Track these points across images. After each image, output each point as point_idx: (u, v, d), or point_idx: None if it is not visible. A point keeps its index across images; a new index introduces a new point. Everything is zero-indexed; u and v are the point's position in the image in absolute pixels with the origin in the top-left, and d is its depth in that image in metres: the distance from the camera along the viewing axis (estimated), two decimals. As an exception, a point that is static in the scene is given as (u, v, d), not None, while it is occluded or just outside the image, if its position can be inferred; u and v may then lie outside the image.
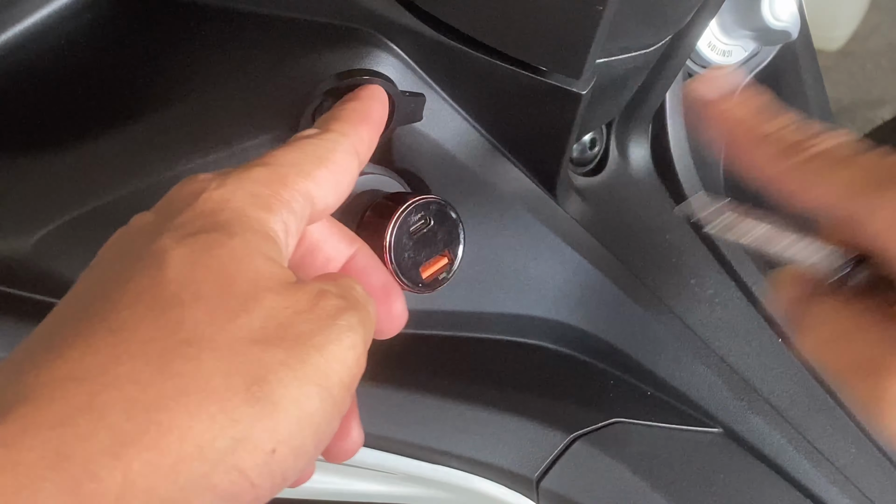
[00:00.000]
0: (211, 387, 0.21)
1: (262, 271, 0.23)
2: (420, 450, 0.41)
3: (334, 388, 0.23)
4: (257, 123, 0.35)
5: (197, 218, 0.24)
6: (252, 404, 0.21)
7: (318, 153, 0.27)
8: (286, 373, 0.22)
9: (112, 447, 0.19)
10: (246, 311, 0.22)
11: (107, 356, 0.20)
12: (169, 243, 0.23)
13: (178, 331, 0.21)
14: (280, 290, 0.23)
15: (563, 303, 0.43)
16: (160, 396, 0.20)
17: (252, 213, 0.24)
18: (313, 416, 0.22)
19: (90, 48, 0.37)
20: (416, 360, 0.42)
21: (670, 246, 0.46)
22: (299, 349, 0.22)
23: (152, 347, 0.21)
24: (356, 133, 0.29)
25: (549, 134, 0.38)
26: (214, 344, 0.21)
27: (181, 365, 0.21)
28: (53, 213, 0.37)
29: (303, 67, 0.34)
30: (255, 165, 0.26)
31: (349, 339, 0.23)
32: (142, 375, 0.20)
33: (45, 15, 0.37)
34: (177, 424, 0.20)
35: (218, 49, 0.36)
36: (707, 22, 0.44)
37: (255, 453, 0.21)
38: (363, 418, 0.30)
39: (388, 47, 0.35)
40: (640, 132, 0.47)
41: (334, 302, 0.24)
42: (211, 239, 0.23)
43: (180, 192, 0.25)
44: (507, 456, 0.41)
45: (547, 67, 0.34)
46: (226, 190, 0.25)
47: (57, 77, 0.37)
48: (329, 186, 0.27)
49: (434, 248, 0.36)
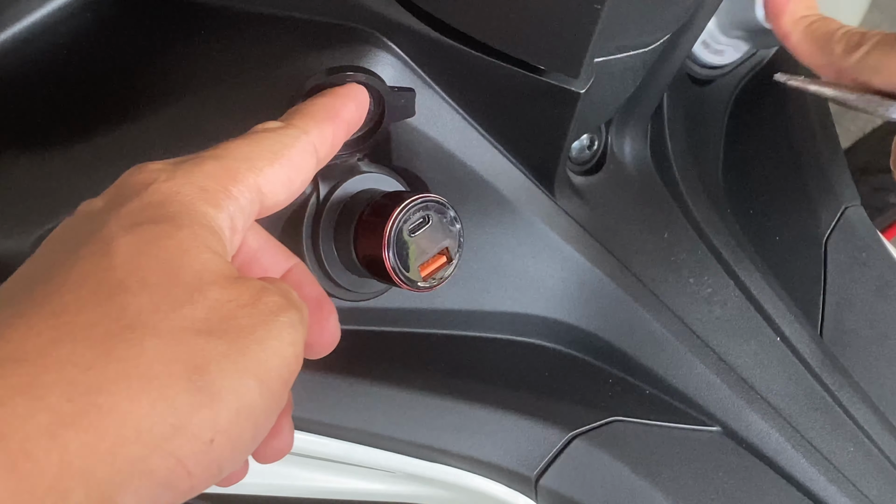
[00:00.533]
0: (152, 373, 0.21)
1: (208, 264, 0.23)
2: (419, 448, 0.41)
3: (273, 382, 0.23)
4: (254, 122, 0.35)
5: (145, 208, 0.24)
6: (193, 393, 0.21)
7: (274, 148, 0.27)
8: (227, 364, 0.22)
9: (50, 428, 0.19)
10: (190, 301, 0.22)
11: (48, 338, 0.20)
12: (116, 230, 0.23)
13: (121, 317, 0.21)
14: (224, 284, 0.23)
15: (561, 301, 0.43)
16: (101, 379, 0.20)
17: (200, 207, 0.24)
18: (252, 409, 0.22)
19: (90, 48, 0.37)
20: (414, 359, 0.42)
21: (668, 245, 0.46)
22: (241, 342, 0.22)
23: (95, 331, 0.21)
24: (319, 130, 0.29)
25: (548, 133, 0.38)
26: (157, 331, 0.21)
27: (124, 350, 0.21)
28: (53, 213, 0.37)
29: (301, 67, 0.34)
30: (207, 158, 0.26)
31: (289, 336, 0.24)
32: (83, 358, 0.20)
33: (45, 15, 0.37)
34: (116, 408, 0.20)
35: (217, 48, 0.36)
36: (705, 21, 0.44)
37: (193, 441, 0.21)
38: (362, 417, 0.31)
39: (386, 46, 0.35)
40: (638, 131, 0.47)
41: (275, 299, 0.24)
42: (159, 229, 0.23)
43: (129, 180, 0.25)
44: (506, 454, 0.41)
45: (545, 66, 0.35)
46: (175, 182, 0.25)
47: (57, 77, 0.37)
48: (280, 183, 0.27)
49: (433, 247, 0.36)
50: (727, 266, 0.47)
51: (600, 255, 0.43)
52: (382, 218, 0.34)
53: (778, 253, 0.52)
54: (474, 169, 0.39)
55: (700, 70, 0.53)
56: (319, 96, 0.31)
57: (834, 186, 0.56)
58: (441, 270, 0.36)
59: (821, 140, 0.57)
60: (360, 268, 0.37)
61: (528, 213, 0.41)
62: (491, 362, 0.43)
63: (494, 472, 0.41)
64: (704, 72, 0.53)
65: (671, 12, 0.39)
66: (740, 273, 0.47)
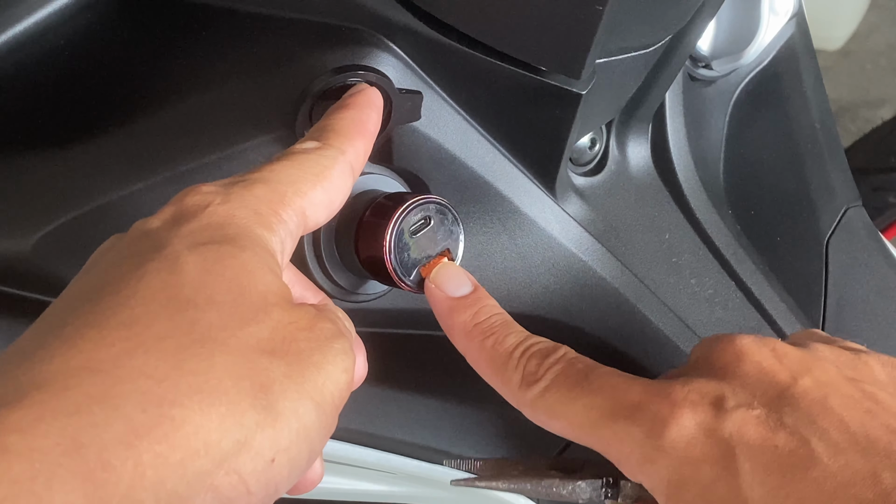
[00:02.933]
0: (222, 388, 0.21)
1: (271, 286, 0.24)
2: (420, 450, 0.41)
3: (328, 405, 0.24)
4: (257, 124, 0.35)
5: (205, 229, 0.24)
6: (258, 411, 0.21)
7: (316, 170, 0.28)
8: (289, 384, 0.22)
9: (126, 437, 0.19)
10: (256, 320, 0.23)
11: (121, 349, 0.21)
12: (180, 249, 0.23)
13: (191, 331, 0.22)
14: (285, 307, 0.24)
15: (562, 302, 0.43)
16: (174, 392, 0.20)
17: (256, 230, 0.25)
18: (309, 431, 0.23)
19: (90, 48, 0.37)
20: (416, 361, 0.42)
21: (670, 246, 0.46)
22: (301, 364, 0.23)
23: (167, 344, 0.21)
24: (353, 148, 0.30)
25: (549, 134, 0.38)
26: (226, 348, 0.22)
27: (195, 363, 0.21)
28: (53, 213, 0.37)
29: (302, 67, 0.34)
30: (256, 181, 0.27)
31: (342, 362, 0.24)
32: (156, 370, 0.20)
33: (45, 15, 0.37)
34: (188, 420, 0.20)
35: (217, 49, 0.36)
36: (707, 22, 0.44)
37: (256, 459, 0.21)
38: (363, 418, 0.31)
39: (387, 47, 0.35)
40: (639, 132, 0.47)
41: (330, 326, 0.25)
42: (223, 250, 0.24)
43: (185, 201, 0.26)
44: (507, 455, 0.41)
45: (546, 67, 0.35)
46: (231, 206, 0.25)
47: (57, 77, 0.37)
48: (322, 205, 0.28)
49: (434, 249, 0.36)
50: (728, 267, 0.47)
51: (602, 257, 0.43)
52: (383, 219, 0.34)
53: (779, 253, 0.52)
54: (475, 170, 0.39)
55: (701, 71, 0.52)
56: (343, 109, 0.31)
57: (835, 187, 0.56)
58: (442, 272, 0.36)
59: (822, 140, 0.57)
60: (361, 269, 0.37)
61: (530, 214, 0.41)
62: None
63: (495, 474, 0.41)
64: (705, 72, 0.53)
65: (672, 13, 0.39)
66: (742, 274, 0.47)
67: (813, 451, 0.27)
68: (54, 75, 0.37)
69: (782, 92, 0.57)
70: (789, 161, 0.56)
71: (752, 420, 0.28)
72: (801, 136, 0.56)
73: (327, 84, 0.32)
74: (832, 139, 0.57)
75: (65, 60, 0.37)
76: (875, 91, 1.74)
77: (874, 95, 1.73)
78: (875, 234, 0.55)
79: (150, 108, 0.36)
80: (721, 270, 0.47)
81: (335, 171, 0.28)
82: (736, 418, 0.28)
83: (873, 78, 1.76)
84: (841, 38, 1.66)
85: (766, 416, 0.28)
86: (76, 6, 0.38)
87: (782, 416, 0.28)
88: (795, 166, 0.56)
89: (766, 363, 0.30)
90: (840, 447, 0.27)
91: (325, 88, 0.33)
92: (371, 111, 0.32)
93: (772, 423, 0.28)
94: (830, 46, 1.67)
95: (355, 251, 0.36)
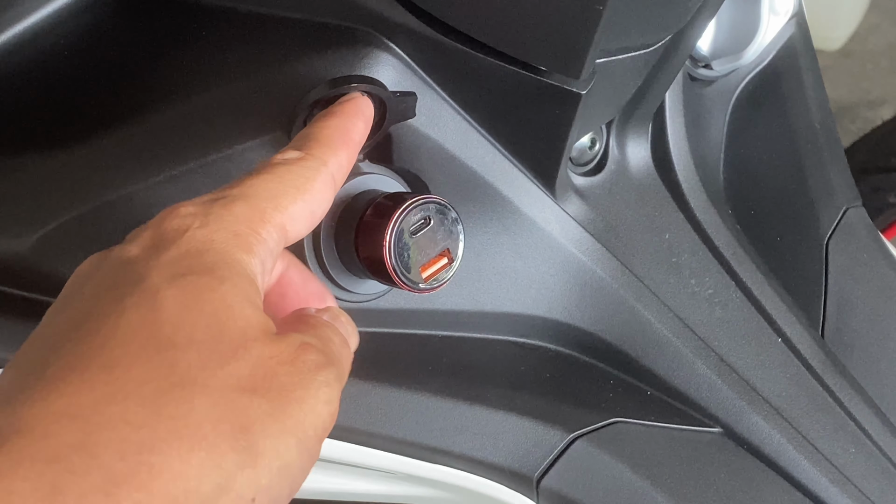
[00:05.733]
0: (202, 433, 0.21)
1: (251, 319, 0.24)
2: (420, 449, 0.41)
3: (310, 440, 0.23)
4: (255, 125, 0.35)
5: (183, 258, 0.24)
6: (238, 452, 0.21)
7: (297, 183, 0.28)
8: (270, 424, 0.22)
9: (104, 486, 0.19)
10: (235, 358, 0.23)
11: (101, 394, 0.21)
12: (159, 282, 0.23)
13: (171, 374, 0.22)
14: (265, 340, 0.24)
15: (562, 302, 0.43)
16: (153, 438, 0.20)
17: (235, 254, 0.25)
18: (291, 467, 0.23)
19: (90, 48, 0.37)
20: (416, 361, 0.42)
21: (670, 246, 0.46)
22: (282, 401, 0.23)
23: (146, 389, 0.21)
24: (335, 158, 0.29)
25: (549, 133, 0.38)
26: (206, 389, 0.22)
27: (174, 408, 0.21)
28: (53, 213, 0.37)
29: (301, 68, 0.34)
30: (236, 198, 0.26)
31: (325, 395, 0.24)
32: (136, 417, 0.21)
33: (45, 15, 0.37)
34: (167, 468, 0.20)
35: (217, 50, 0.36)
36: (707, 22, 0.44)
37: (236, 501, 0.21)
38: (363, 418, 0.31)
39: (387, 47, 0.35)
40: (639, 132, 0.47)
41: (314, 357, 0.25)
42: (202, 282, 0.23)
43: (163, 226, 0.26)
44: (508, 455, 0.41)
45: (546, 67, 0.34)
46: (209, 230, 0.25)
47: (57, 77, 0.37)
48: (303, 218, 0.28)
49: (434, 248, 0.36)
50: (728, 267, 0.47)
51: (601, 256, 0.43)
52: (383, 219, 0.34)
53: (779, 253, 0.52)
54: (475, 170, 0.39)
55: (701, 71, 0.52)
56: (329, 117, 0.31)
57: (835, 187, 0.56)
58: (442, 271, 0.36)
59: (822, 140, 0.57)
60: (361, 269, 0.36)
61: (530, 214, 0.41)
62: (492, 363, 0.43)
63: (496, 474, 0.41)
64: (705, 72, 0.53)
65: (672, 13, 0.39)
66: (741, 274, 0.47)
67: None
68: (54, 75, 0.37)
69: (782, 92, 0.57)
70: (789, 161, 0.56)
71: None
72: (801, 136, 0.56)
73: (320, 95, 0.32)
74: (832, 139, 0.57)
75: (65, 60, 0.37)
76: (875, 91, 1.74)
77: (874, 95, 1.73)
78: (875, 234, 0.55)
79: (149, 108, 0.36)
80: (721, 270, 0.47)
81: (317, 184, 0.28)
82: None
83: (873, 78, 1.76)
84: (841, 38, 1.66)
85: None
86: (76, 6, 0.38)
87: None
88: (795, 166, 0.56)
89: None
90: None
91: (317, 99, 0.32)
92: (357, 120, 0.31)
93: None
94: (830, 46, 1.67)
95: (355, 251, 0.36)
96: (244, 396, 0.22)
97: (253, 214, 0.26)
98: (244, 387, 0.22)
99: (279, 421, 0.22)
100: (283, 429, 0.22)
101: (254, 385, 0.22)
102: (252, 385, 0.22)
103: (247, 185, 0.27)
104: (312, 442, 0.24)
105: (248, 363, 0.23)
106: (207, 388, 0.22)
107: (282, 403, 0.23)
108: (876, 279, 0.53)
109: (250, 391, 0.22)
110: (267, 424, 0.22)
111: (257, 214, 0.26)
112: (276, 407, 0.23)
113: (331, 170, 0.29)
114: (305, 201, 0.28)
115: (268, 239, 0.26)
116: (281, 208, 0.27)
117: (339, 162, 0.30)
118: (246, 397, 0.22)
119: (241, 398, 0.22)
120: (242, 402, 0.22)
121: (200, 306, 0.23)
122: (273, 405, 0.22)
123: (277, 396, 0.23)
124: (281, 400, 0.23)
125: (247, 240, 0.25)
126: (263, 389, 0.23)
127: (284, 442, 0.22)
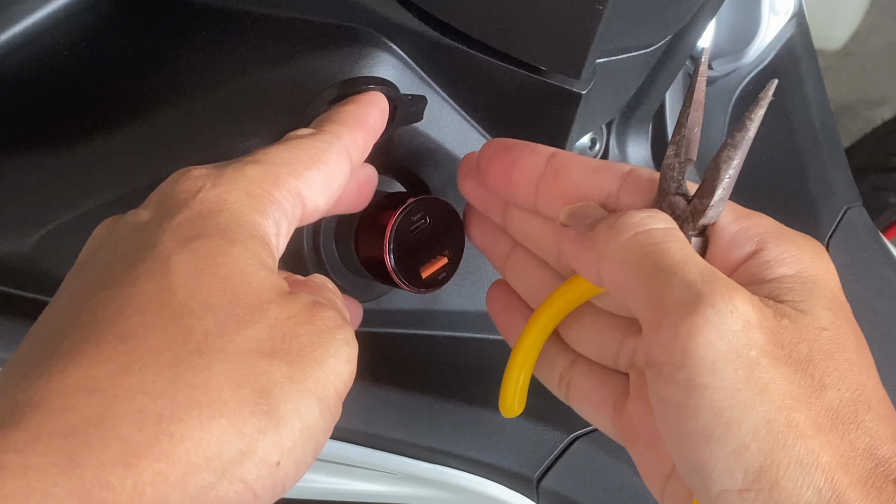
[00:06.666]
0: (221, 399, 0.21)
1: (265, 282, 0.24)
2: (420, 450, 0.41)
3: (331, 399, 0.23)
4: (258, 124, 0.35)
5: (195, 219, 0.24)
6: (260, 417, 0.21)
7: (311, 153, 0.28)
8: (290, 386, 0.22)
9: (123, 457, 0.19)
10: (252, 321, 0.22)
11: (117, 365, 0.20)
12: (171, 246, 0.23)
13: (187, 341, 0.21)
14: (280, 302, 0.24)
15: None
16: (172, 407, 0.20)
17: (248, 215, 0.25)
18: (314, 429, 0.23)
19: (90, 48, 0.37)
20: (416, 360, 0.42)
21: (670, 246, 0.46)
22: (302, 362, 0.23)
23: (163, 357, 0.21)
24: (350, 136, 0.29)
25: (549, 133, 0.38)
26: (224, 355, 0.21)
27: (192, 376, 0.21)
28: (53, 213, 0.37)
29: (303, 68, 0.34)
30: (249, 162, 0.26)
31: (345, 353, 0.24)
32: (153, 386, 0.20)
33: (45, 15, 0.37)
34: (188, 436, 0.20)
35: (218, 49, 0.36)
36: (707, 22, 0.44)
37: (260, 466, 0.21)
38: (363, 418, 0.31)
39: (388, 47, 0.35)
40: (639, 132, 0.47)
41: (330, 314, 0.24)
42: (214, 245, 0.23)
43: (175, 188, 0.25)
44: (508, 456, 0.41)
45: (547, 67, 0.34)
46: (221, 189, 0.25)
47: (57, 77, 0.37)
48: (320, 188, 0.27)
49: (434, 248, 0.36)
50: (729, 267, 0.47)
51: (602, 256, 0.43)
52: (384, 219, 0.34)
53: (779, 253, 0.52)
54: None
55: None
56: (344, 104, 0.31)
57: (835, 187, 0.56)
58: (442, 272, 0.36)
59: (822, 140, 0.57)
60: (361, 269, 0.36)
61: (530, 214, 0.41)
62: (492, 363, 0.43)
63: (496, 474, 0.41)
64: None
65: (673, 13, 0.39)
66: (742, 274, 0.47)
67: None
68: (54, 75, 0.37)
69: (782, 92, 0.57)
70: (789, 161, 0.56)
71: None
72: (801, 136, 0.56)
73: (334, 96, 0.32)
74: (832, 139, 0.57)
75: (65, 60, 0.37)
76: (875, 91, 1.74)
77: (874, 95, 1.73)
78: (875, 234, 0.55)
79: (149, 108, 0.36)
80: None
81: (331, 154, 0.28)
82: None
83: (873, 78, 1.76)
84: (841, 38, 1.66)
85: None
86: (76, 6, 0.38)
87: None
88: (795, 166, 0.56)
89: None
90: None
91: (331, 100, 0.32)
92: (371, 107, 0.31)
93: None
94: (830, 46, 1.67)
95: (355, 251, 0.36)
96: (263, 360, 0.22)
97: (266, 177, 0.26)
98: (263, 350, 0.22)
99: (298, 383, 0.22)
100: (305, 390, 0.22)
101: (272, 347, 0.22)
102: (271, 348, 0.22)
103: (260, 153, 0.27)
104: (334, 401, 0.23)
105: (265, 326, 0.23)
106: (225, 353, 0.22)
107: (302, 365, 0.23)
108: (876, 279, 0.53)
109: (269, 354, 0.22)
110: (287, 387, 0.22)
111: (271, 177, 0.26)
112: (295, 369, 0.22)
113: (345, 143, 0.29)
114: (320, 170, 0.27)
115: (282, 201, 0.26)
116: (295, 173, 0.27)
117: (354, 139, 0.29)
118: (265, 361, 0.22)
119: (260, 362, 0.22)
120: (262, 366, 0.22)
121: (214, 270, 0.23)
122: (293, 367, 0.22)
123: (298, 358, 0.23)
124: (301, 361, 0.23)
125: (260, 200, 0.25)
126: (283, 351, 0.22)
127: (306, 404, 0.22)
